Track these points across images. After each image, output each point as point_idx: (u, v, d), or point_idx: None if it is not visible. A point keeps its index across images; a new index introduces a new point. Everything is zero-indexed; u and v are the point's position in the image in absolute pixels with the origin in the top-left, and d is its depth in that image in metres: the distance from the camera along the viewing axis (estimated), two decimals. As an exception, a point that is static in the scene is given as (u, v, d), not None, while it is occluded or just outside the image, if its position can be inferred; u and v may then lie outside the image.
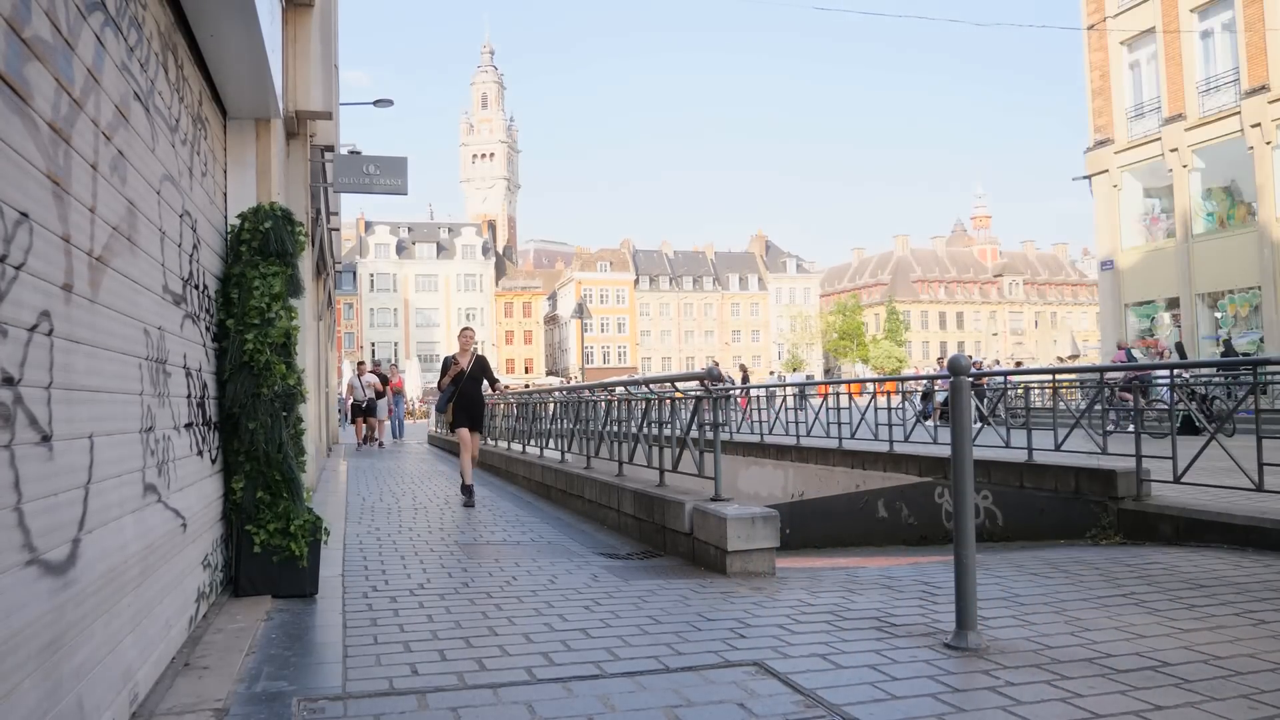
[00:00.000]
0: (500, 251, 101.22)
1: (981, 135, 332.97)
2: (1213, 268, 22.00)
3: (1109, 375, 10.44)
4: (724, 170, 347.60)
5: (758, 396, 17.84)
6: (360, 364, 19.57)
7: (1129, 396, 11.55)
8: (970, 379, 3.81)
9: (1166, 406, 10.78)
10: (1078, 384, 13.37)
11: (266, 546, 4.54)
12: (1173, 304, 23.22)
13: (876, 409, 12.04)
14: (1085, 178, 25.60)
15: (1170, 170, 22.82)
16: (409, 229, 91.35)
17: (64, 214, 2.38)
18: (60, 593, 2.26)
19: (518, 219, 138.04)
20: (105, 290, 2.73)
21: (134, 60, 3.16)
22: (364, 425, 20.00)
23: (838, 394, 13.15)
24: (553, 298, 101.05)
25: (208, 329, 4.45)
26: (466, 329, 10.17)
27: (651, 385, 8.22)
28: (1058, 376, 10.14)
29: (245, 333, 4.52)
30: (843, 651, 3.62)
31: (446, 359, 9.74)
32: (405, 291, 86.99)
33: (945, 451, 9.99)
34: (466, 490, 9.40)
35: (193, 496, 3.95)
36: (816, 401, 14.40)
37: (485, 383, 9.72)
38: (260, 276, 4.62)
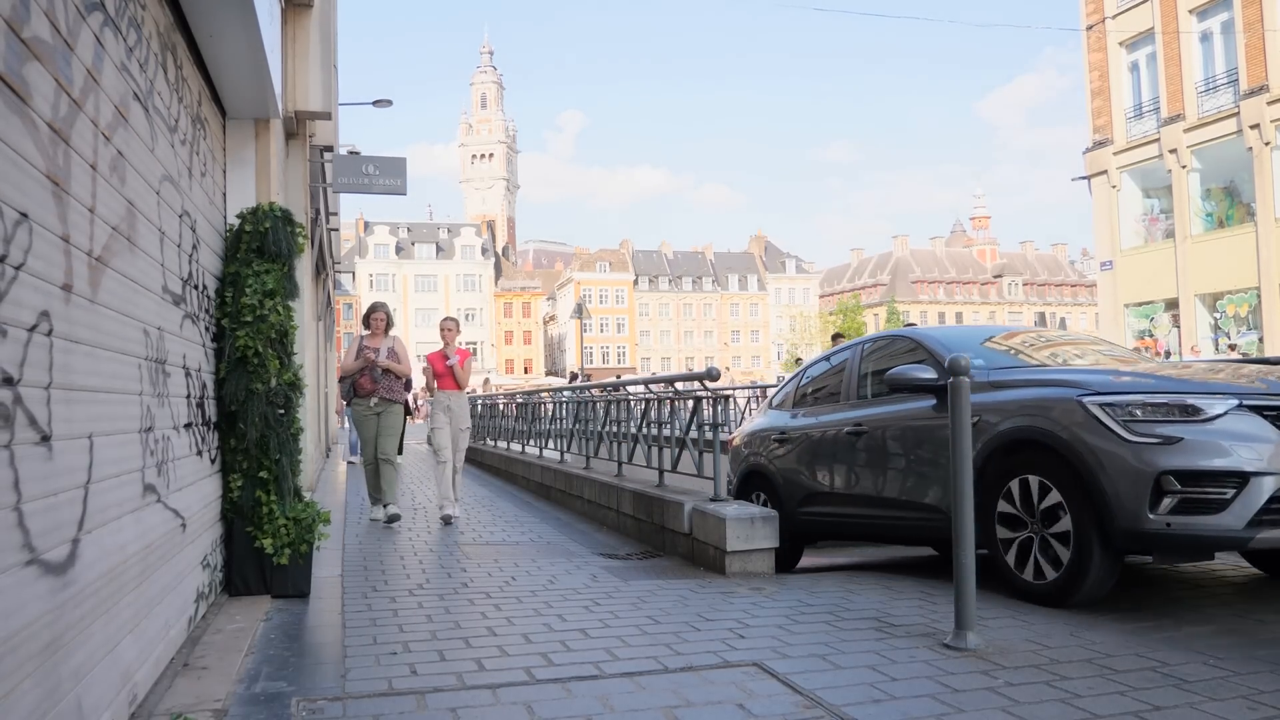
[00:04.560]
0: (499, 252, 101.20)
1: (982, 134, 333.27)
2: (1211, 268, 22.02)
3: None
4: (724, 169, 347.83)
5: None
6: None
7: None
8: (969, 379, 3.81)
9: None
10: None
11: (263, 546, 4.54)
12: (1171, 305, 23.23)
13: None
14: (1084, 178, 25.61)
15: (1169, 171, 22.84)
16: (408, 229, 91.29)
17: (63, 214, 2.38)
18: (59, 593, 2.26)
19: (517, 219, 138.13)
20: (105, 290, 2.73)
21: (133, 60, 3.16)
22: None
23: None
24: (552, 298, 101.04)
25: (207, 329, 4.45)
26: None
27: (650, 385, 8.22)
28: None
29: (238, 329, 4.52)
30: (842, 652, 3.62)
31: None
32: (404, 292, 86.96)
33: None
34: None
35: (192, 496, 3.94)
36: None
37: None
38: (254, 274, 4.62)
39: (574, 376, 29.56)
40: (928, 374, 4.98)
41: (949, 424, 3.83)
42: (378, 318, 8.07)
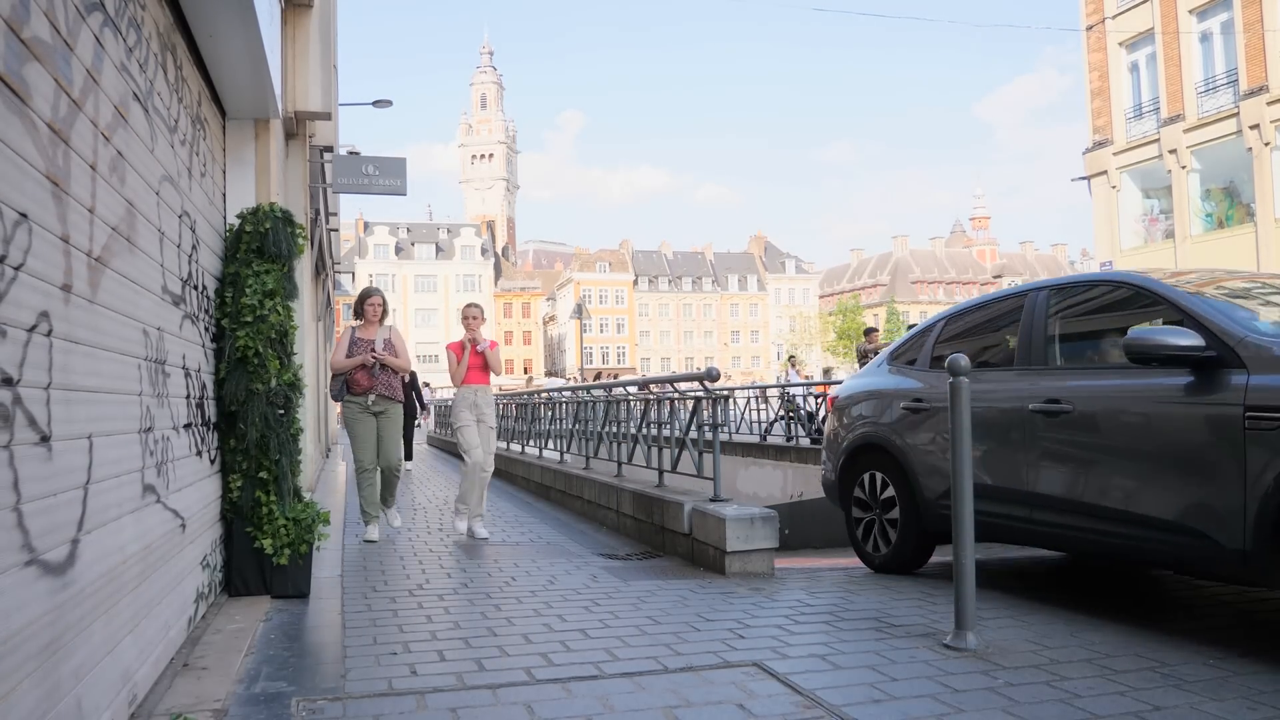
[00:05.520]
0: (499, 252, 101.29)
1: (981, 134, 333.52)
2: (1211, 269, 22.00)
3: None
4: (724, 169, 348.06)
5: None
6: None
7: None
8: (968, 380, 3.81)
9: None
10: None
11: (263, 546, 4.54)
12: (1171, 305, 23.21)
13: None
14: (1084, 178, 25.61)
15: (1169, 171, 22.84)
16: (408, 229, 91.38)
17: (63, 214, 2.38)
18: (59, 593, 2.26)
19: (517, 219, 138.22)
20: (104, 291, 2.73)
21: (133, 61, 3.16)
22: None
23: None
24: (552, 298, 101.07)
25: (206, 329, 4.45)
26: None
27: (650, 386, 8.22)
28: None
29: (238, 330, 4.53)
30: (842, 652, 3.62)
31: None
32: (404, 292, 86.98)
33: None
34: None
35: (192, 497, 3.94)
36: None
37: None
38: (254, 274, 4.63)
39: (597, 376, 29.55)
40: (1188, 340, 3.68)
41: (1156, 411, 3.68)
42: (373, 303, 7.01)
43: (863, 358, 13.32)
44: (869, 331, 14.21)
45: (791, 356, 22.51)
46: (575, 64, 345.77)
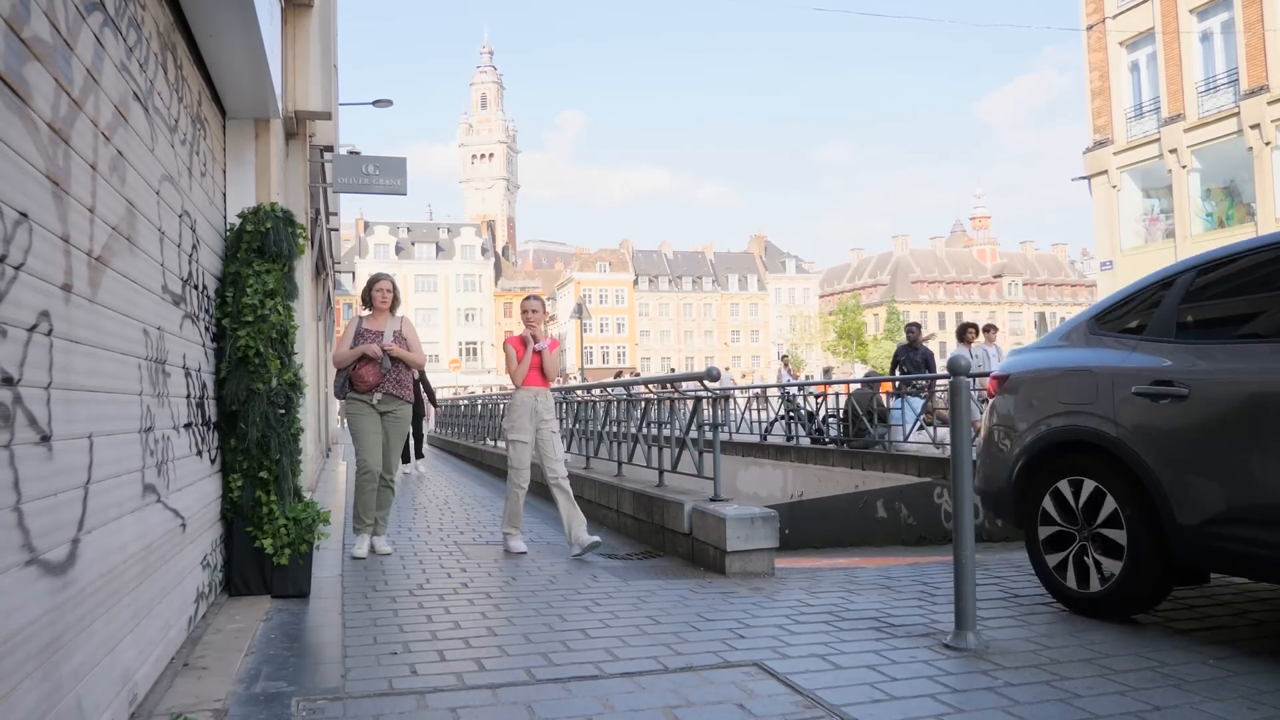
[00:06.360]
0: (499, 252, 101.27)
1: (981, 134, 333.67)
2: (1212, 268, 21.96)
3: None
4: (724, 169, 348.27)
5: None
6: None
7: None
8: (970, 379, 3.81)
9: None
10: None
11: (263, 546, 4.54)
12: (1172, 304, 23.17)
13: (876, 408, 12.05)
14: (1084, 178, 25.61)
15: (1169, 171, 22.84)
16: (408, 229, 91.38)
17: (63, 214, 2.38)
18: (59, 593, 2.26)
19: (517, 219, 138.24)
20: (105, 290, 2.73)
21: (133, 60, 3.16)
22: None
23: (837, 395, 13.17)
24: (552, 298, 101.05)
25: (207, 329, 4.45)
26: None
27: (650, 385, 8.22)
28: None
29: (239, 329, 4.53)
30: (842, 652, 3.62)
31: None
32: (405, 292, 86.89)
33: (944, 452, 10.00)
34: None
35: (192, 496, 3.94)
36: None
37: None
38: (254, 274, 4.63)
39: (618, 374, 29.56)
40: None
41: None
42: (382, 288, 6.24)
43: (902, 355, 12.63)
44: (911, 327, 12.54)
45: (784, 356, 22.38)
46: (575, 64, 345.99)
